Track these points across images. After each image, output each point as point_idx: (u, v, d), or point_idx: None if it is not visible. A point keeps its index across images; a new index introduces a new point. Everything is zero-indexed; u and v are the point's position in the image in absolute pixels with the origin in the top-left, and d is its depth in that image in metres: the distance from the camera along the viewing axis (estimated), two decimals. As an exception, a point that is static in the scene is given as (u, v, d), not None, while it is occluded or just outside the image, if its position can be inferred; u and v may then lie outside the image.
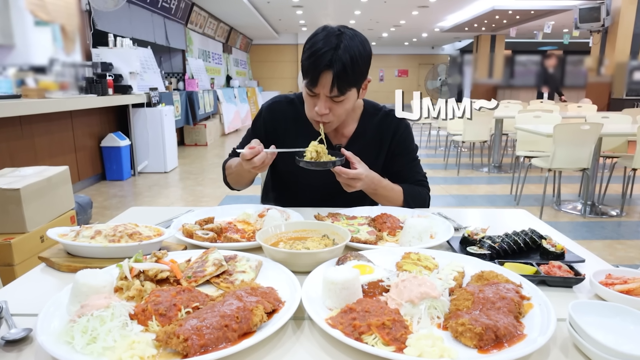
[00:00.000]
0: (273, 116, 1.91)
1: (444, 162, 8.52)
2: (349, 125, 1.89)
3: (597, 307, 0.93)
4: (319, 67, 1.55)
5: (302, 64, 1.62)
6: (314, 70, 1.56)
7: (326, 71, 1.55)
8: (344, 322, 0.89)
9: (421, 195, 1.88)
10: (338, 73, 1.54)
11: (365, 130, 1.88)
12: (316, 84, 1.58)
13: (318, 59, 1.54)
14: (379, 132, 1.89)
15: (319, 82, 1.57)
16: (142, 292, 1.01)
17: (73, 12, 6.44)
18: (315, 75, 1.56)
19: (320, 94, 1.61)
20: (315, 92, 1.61)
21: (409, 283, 0.97)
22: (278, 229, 1.39)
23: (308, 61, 1.57)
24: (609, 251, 4.13)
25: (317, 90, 1.60)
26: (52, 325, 0.89)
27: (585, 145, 4.77)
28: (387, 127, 1.88)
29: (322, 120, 1.67)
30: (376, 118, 1.90)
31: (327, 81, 1.56)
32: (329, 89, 1.57)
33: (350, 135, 1.88)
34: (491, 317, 0.88)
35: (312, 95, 1.64)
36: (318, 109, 1.63)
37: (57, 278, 1.20)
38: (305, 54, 1.61)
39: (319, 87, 1.59)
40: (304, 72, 1.61)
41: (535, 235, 1.35)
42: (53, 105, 5.16)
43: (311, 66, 1.56)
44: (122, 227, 1.31)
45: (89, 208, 4.45)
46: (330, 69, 1.54)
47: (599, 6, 10.33)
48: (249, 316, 0.88)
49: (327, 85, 1.57)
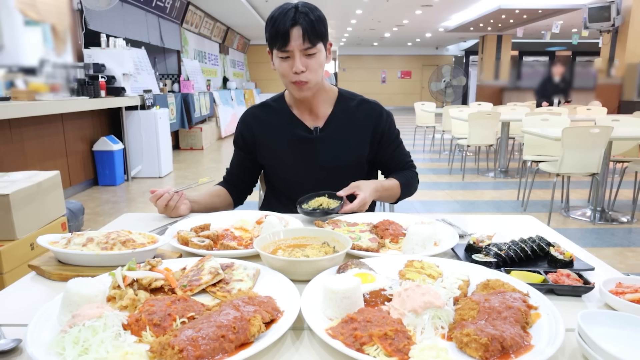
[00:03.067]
0: (249, 127, 2.05)
1: (448, 167, 8.53)
2: (324, 107, 2.00)
3: (607, 317, 0.93)
4: (287, 25, 1.69)
5: (269, 35, 1.75)
6: (283, 30, 1.69)
7: (294, 27, 1.70)
8: (345, 333, 0.89)
9: (413, 181, 2.10)
10: (305, 25, 1.70)
11: (342, 112, 2.00)
12: (288, 41, 1.71)
13: (283, 20, 1.70)
14: (357, 117, 2.00)
15: (290, 38, 1.70)
16: (136, 301, 1.01)
17: (64, 12, 6.46)
18: (285, 34, 1.70)
19: (294, 50, 1.73)
20: (288, 50, 1.73)
21: (412, 292, 0.98)
22: (276, 236, 1.39)
23: (274, 27, 1.72)
24: (620, 259, 4.13)
25: (290, 47, 1.72)
26: (43, 335, 0.89)
27: (595, 149, 4.78)
28: (367, 115, 2.01)
29: (300, 79, 1.78)
30: (353, 103, 2.03)
31: (297, 35, 1.70)
32: (301, 41, 1.70)
33: (326, 117, 1.99)
34: (497, 327, 0.88)
35: (285, 57, 1.76)
36: (295, 66, 1.74)
37: (48, 287, 1.20)
38: (268, 26, 1.75)
39: (291, 43, 1.71)
40: (272, 40, 1.74)
41: (543, 242, 1.35)
42: (43, 108, 5.16)
43: (280, 27, 1.70)
44: (114, 234, 1.31)
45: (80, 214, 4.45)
46: (297, 23, 1.70)
47: (609, 5, 10.35)
48: (247, 326, 0.88)
49: (298, 38, 1.70)
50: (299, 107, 1.99)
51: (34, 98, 5.35)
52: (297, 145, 1.97)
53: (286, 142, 1.98)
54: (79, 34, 6.84)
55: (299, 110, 1.99)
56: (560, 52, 23.97)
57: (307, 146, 1.96)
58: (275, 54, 1.78)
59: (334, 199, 1.76)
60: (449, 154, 9.24)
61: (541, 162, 5.48)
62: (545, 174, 6.60)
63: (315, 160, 1.96)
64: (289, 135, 1.97)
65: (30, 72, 5.73)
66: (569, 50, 23.51)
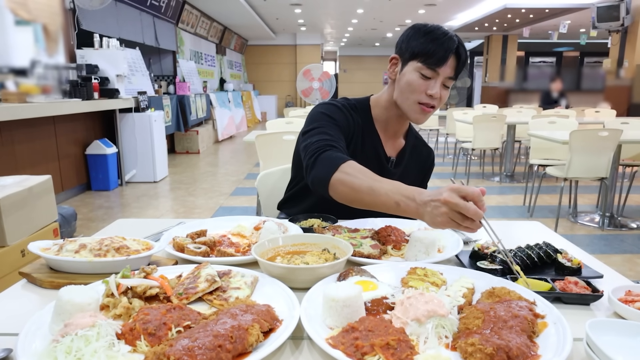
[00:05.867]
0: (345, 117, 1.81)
1: (452, 171, 8.53)
2: (400, 138, 1.96)
3: (616, 325, 0.93)
4: (450, 49, 1.65)
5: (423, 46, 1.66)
6: (447, 50, 1.65)
7: (454, 54, 1.67)
8: (346, 342, 0.89)
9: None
10: (463, 58, 1.69)
11: (410, 149, 1.97)
12: (443, 64, 1.66)
13: (447, 42, 1.65)
14: (418, 158, 2.00)
15: (447, 63, 1.66)
16: (130, 310, 1.01)
17: (56, 11, 6.48)
18: (445, 56, 1.65)
19: (440, 75, 1.68)
20: (437, 71, 1.67)
21: (415, 300, 0.98)
22: (275, 243, 1.39)
23: (435, 42, 1.65)
24: (629, 266, 4.13)
25: (441, 70, 1.67)
26: (34, 345, 0.89)
27: (604, 153, 4.78)
28: (426, 160, 2.03)
29: (432, 104, 1.72)
30: (417, 142, 2.02)
31: (452, 63, 1.67)
32: (452, 70, 1.68)
33: (399, 149, 1.94)
34: (503, 336, 0.88)
35: (426, 78, 1.69)
36: (434, 91, 1.68)
37: (39, 295, 1.20)
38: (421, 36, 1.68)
39: (445, 67, 1.67)
40: (427, 52, 1.65)
41: (550, 249, 1.35)
42: (35, 110, 5.17)
43: (445, 45, 1.65)
44: (108, 241, 1.31)
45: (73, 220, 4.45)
46: (457, 53, 1.67)
47: (618, 4, 10.38)
48: (244, 336, 0.88)
49: (451, 67, 1.68)
50: (385, 129, 1.88)
51: (24, 100, 5.36)
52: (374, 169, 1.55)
53: (366, 160, 1.70)
54: (71, 34, 6.85)
55: (383, 131, 1.88)
56: (568, 53, 24.02)
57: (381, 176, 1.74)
58: (416, 66, 1.68)
59: (327, 221, 1.72)
60: (453, 157, 9.25)
61: (548, 166, 5.48)
62: (553, 178, 6.61)
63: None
64: (371, 155, 1.85)
65: (21, 73, 5.73)
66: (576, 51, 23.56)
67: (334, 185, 1.48)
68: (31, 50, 5.96)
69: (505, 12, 14.79)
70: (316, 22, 18.06)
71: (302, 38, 21.64)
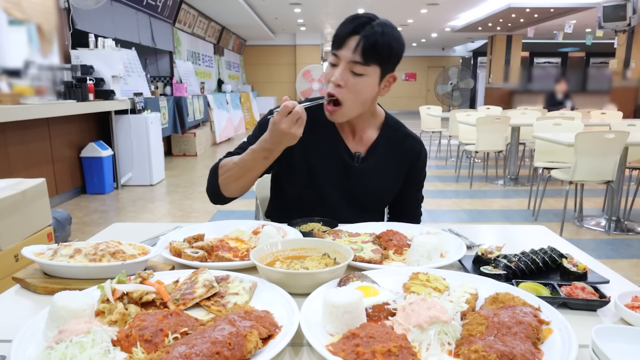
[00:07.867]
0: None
1: (455, 174, 8.54)
2: (369, 132, 1.91)
3: (622, 332, 0.93)
4: (347, 30, 1.63)
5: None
6: (342, 32, 1.64)
7: (354, 35, 1.63)
8: (346, 349, 0.89)
9: None
10: (366, 38, 1.61)
11: (386, 142, 1.91)
12: (341, 46, 1.65)
13: (349, 24, 1.64)
14: (399, 152, 1.92)
15: (345, 45, 1.64)
16: (126, 316, 1.01)
17: (50, 11, 6.49)
18: (342, 37, 1.64)
19: (342, 60, 1.65)
20: (338, 55, 1.66)
21: (417, 306, 0.98)
22: (274, 247, 1.39)
23: (339, 28, 1.66)
24: (636, 271, 4.12)
25: (341, 53, 1.65)
26: (28, 352, 0.89)
27: (610, 156, 4.79)
28: (408, 152, 1.93)
29: (333, 92, 1.68)
30: (398, 135, 1.93)
31: (352, 44, 1.62)
32: (355, 53, 1.62)
33: (369, 143, 1.90)
34: (507, 343, 0.88)
35: (334, 64, 1.68)
36: (334, 77, 1.66)
37: (33, 301, 1.20)
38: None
39: (344, 50, 1.64)
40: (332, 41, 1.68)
41: (555, 253, 1.35)
42: (28, 112, 5.18)
43: (340, 30, 1.65)
44: (103, 245, 1.31)
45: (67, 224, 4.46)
46: (358, 33, 1.62)
47: (624, 4, 10.40)
48: (243, 342, 0.88)
49: (353, 49, 1.62)
50: (342, 126, 1.89)
51: (18, 102, 5.37)
52: (332, 167, 1.86)
53: (323, 158, 1.86)
54: (66, 34, 6.87)
55: (341, 127, 1.89)
56: (574, 53, 24.06)
57: (344, 173, 1.86)
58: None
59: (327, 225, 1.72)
60: (456, 160, 9.26)
61: (553, 169, 5.48)
62: (558, 181, 6.61)
63: (349, 189, 1.87)
64: (329, 152, 1.86)
65: (15, 74, 5.74)
66: (582, 51, 23.61)
67: (224, 189, 1.77)
68: (25, 50, 5.97)
69: (510, 12, 14.82)
70: (316, 22, 18.08)
71: (302, 38, 21.65)
